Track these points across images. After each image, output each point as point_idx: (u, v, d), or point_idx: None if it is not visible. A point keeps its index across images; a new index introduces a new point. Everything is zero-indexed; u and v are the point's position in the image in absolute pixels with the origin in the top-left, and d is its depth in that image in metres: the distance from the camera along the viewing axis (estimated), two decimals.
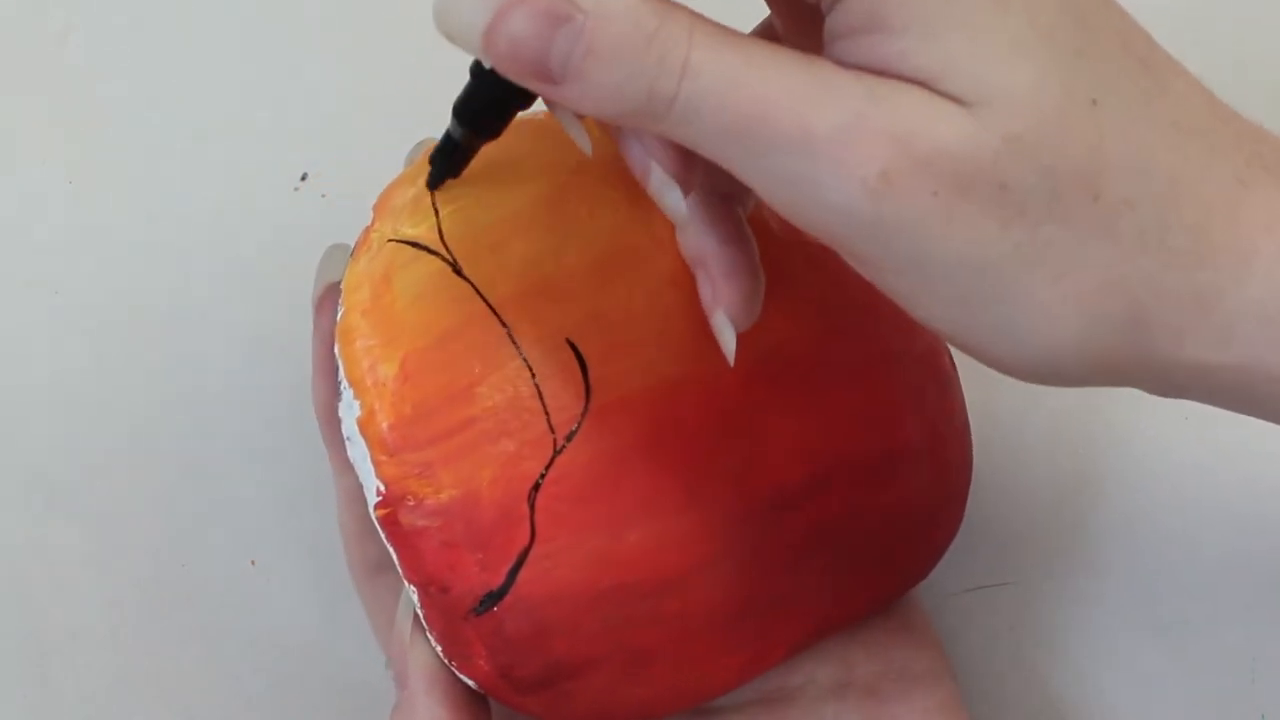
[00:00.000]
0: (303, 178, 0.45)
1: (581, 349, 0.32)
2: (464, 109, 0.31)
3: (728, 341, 0.31)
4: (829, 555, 0.34)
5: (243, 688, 0.40)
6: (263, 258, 0.43)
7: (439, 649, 0.33)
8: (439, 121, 0.40)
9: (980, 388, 0.41)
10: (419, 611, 0.32)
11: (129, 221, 0.45)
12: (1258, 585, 0.40)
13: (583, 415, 0.32)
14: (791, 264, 0.35)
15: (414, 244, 0.33)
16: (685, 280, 0.33)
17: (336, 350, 0.33)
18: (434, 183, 0.33)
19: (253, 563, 0.41)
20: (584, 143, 0.30)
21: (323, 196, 0.44)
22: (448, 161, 0.33)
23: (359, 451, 0.32)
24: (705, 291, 0.31)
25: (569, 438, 0.32)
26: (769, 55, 0.26)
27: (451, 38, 0.27)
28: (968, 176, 0.25)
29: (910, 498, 0.35)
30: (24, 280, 0.44)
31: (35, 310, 0.44)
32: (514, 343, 0.32)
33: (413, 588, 0.32)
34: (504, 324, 0.32)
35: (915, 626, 0.37)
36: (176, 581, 0.41)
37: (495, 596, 0.31)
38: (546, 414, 0.32)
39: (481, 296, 0.32)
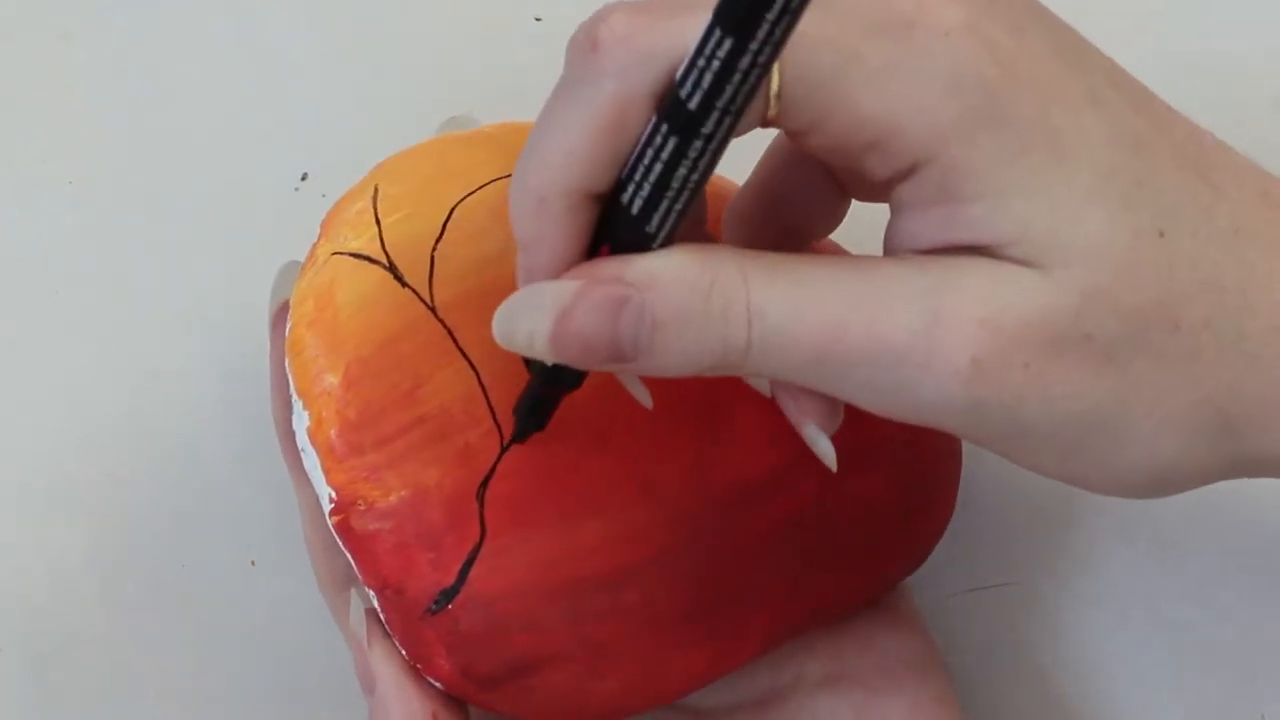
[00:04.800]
0: (303, 178, 0.45)
1: None
2: (548, 372, 0.30)
3: (825, 450, 0.30)
4: (801, 547, 0.34)
5: (243, 688, 0.40)
6: (263, 258, 0.43)
7: (403, 652, 0.33)
8: (438, 120, 0.40)
9: None
10: (381, 616, 0.33)
11: (129, 221, 0.45)
12: (1258, 585, 0.40)
13: None
14: None
15: (356, 255, 0.33)
16: None
17: (287, 364, 0.33)
18: (521, 436, 0.32)
19: (253, 563, 0.41)
20: (645, 399, 0.30)
21: (323, 196, 0.44)
22: (536, 415, 0.31)
23: (311, 462, 0.32)
24: (789, 407, 0.31)
25: (516, 434, 0.32)
26: (824, 272, 0.26)
27: (518, 349, 0.27)
28: (1055, 340, 0.26)
29: (890, 487, 0.35)
30: (24, 280, 0.44)
31: (35, 310, 0.44)
32: (457, 344, 0.32)
33: (372, 592, 0.32)
34: (446, 327, 0.32)
35: (905, 618, 0.37)
36: (176, 581, 0.41)
37: (449, 594, 0.31)
38: (493, 412, 0.32)
39: (423, 301, 0.33)
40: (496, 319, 0.27)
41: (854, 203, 0.31)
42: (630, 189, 0.26)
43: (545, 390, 0.31)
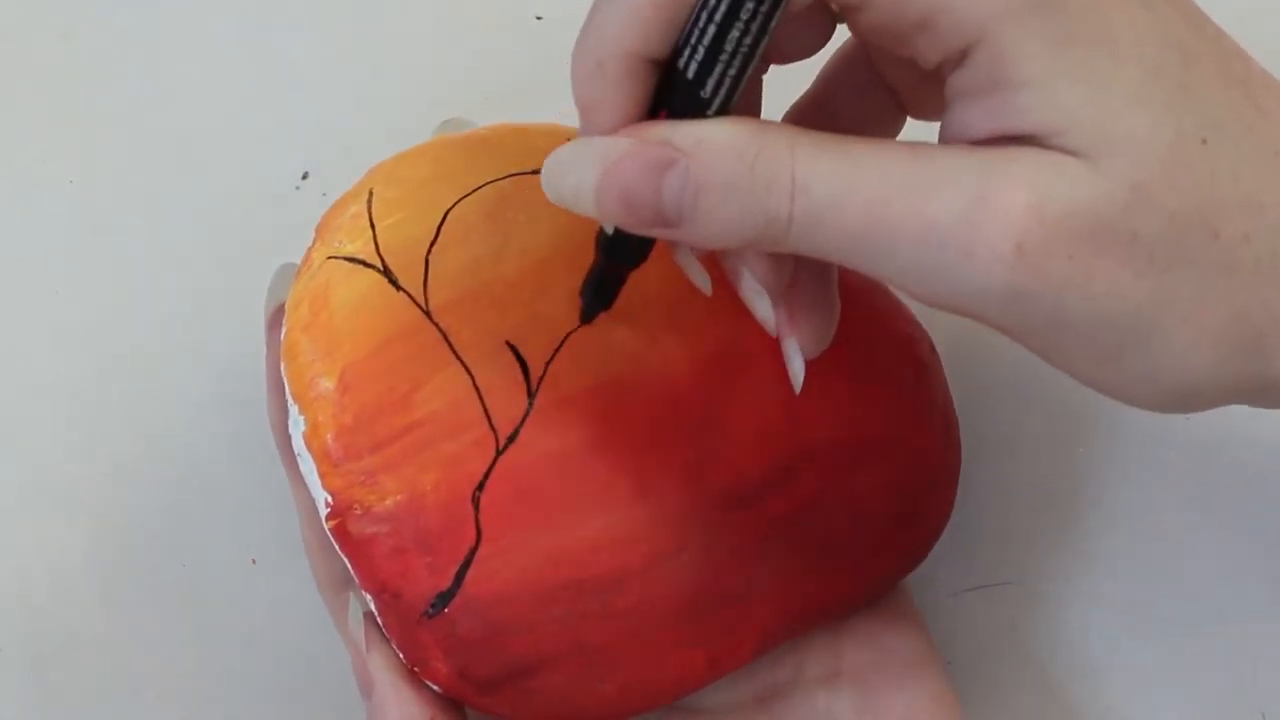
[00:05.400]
0: (303, 177, 0.45)
1: (523, 351, 0.32)
2: (610, 244, 0.30)
3: (796, 369, 0.31)
4: (797, 546, 0.34)
5: (242, 688, 0.40)
6: (263, 258, 0.43)
7: (401, 656, 0.33)
8: (437, 119, 0.40)
9: (976, 385, 0.41)
10: (379, 620, 0.33)
11: (129, 221, 0.45)
12: (1258, 585, 0.40)
13: (524, 415, 0.32)
14: None
15: (350, 259, 0.33)
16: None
17: (282, 369, 0.33)
18: (588, 316, 0.32)
19: (253, 562, 0.41)
20: (704, 283, 0.31)
21: (323, 196, 0.44)
22: (601, 294, 0.32)
23: (308, 466, 0.33)
24: (780, 317, 0.31)
25: (511, 438, 0.32)
26: (874, 152, 0.26)
27: (565, 203, 0.27)
28: (1100, 232, 0.25)
29: (887, 486, 0.35)
30: (24, 280, 0.44)
31: (35, 310, 0.44)
32: (451, 348, 0.32)
33: (369, 596, 0.32)
34: (441, 330, 0.32)
35: (904, 615, 0.37)
36: (176, 581, 0.41)
37: (445, 598, 0.31)
38: (487, 415, 0.32)
39: (417, 305, 0.33)
40: (545, 171, 0.28)
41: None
42: (686, 53, 0.26)
43: (609, 266, 0.31)
